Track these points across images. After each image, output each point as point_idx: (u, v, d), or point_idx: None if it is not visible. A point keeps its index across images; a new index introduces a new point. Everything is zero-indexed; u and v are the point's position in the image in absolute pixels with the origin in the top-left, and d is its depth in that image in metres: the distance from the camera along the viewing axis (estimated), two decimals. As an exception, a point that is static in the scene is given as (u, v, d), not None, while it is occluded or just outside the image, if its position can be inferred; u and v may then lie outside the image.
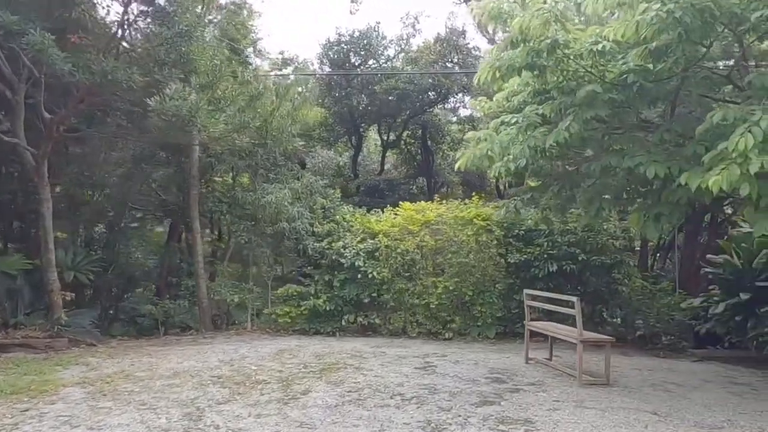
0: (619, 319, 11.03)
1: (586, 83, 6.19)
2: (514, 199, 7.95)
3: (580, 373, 7.57)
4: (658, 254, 15.22)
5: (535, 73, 6.45)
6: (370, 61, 16.89)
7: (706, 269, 10.30)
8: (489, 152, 6.50)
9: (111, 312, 13.62)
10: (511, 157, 6.75)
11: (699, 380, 8.07)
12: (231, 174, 13.12)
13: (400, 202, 12.64)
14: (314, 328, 11.91)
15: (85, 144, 12.11)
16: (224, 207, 12.39)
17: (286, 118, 11.76)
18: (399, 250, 11.54)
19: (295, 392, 6.69)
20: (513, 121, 6.68)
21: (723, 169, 4.78)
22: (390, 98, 17.01)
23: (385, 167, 20.71)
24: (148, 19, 8.23)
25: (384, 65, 16.87)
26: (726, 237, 11.24)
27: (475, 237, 11.38)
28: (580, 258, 10.90)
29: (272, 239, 12.10)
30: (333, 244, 11.96)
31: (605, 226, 11.11)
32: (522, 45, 6.21)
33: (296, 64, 19.72)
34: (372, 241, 11.82)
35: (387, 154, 20.44)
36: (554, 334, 8.32)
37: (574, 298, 7.70)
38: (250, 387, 6.93)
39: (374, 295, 11.74)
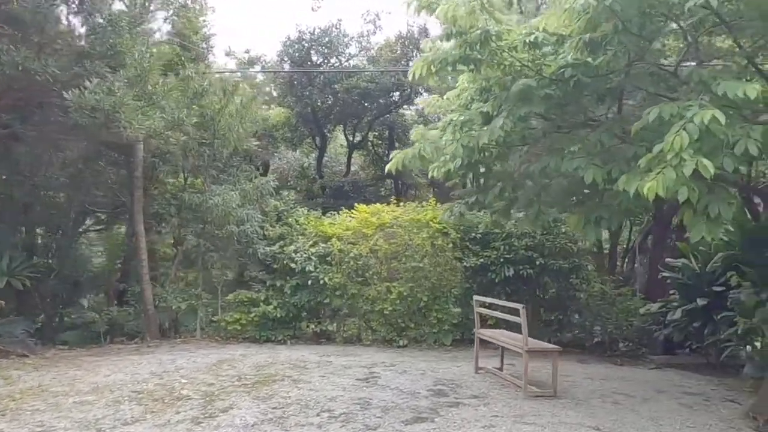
0: (577, 325, 10.69)
1: (523, 78, 5.80)
2: (458, 202, 7.55)
3: (526, 384, 7.18)
4: (626, 258, 14.98)
5: (471, 67, 6.06)
6: (332, 60, 16.45)
7: (664, 273, 10.00)
8: (421, 152, 6.09)
9: (57, 320, 13.02)
10: (448, 157, 6.36)
11: (652, 390, 7.74)
12: (182, 175, 12.58)
13: (356, 204, 12.21)
14: (265, 335, 11.42)
15: (26, 143, 11.49)
16: (172, 209, 11.85)
17: (234, 117, 11.26)
18: (352, 255, 11.10)
19: (215, 410, 6.20)
20: (453, 119, 6.29)
21: (659, 172, 4.41)
22: (352, 98, 16.57)
23: (352, 169, 20.26)
24: (71, 7, 7.71)
25: (345, 64, 16.44)
26: (685, 239, 10.92)
27: (430, 240, 10.98)
28: (537, 262, 10.55)
29: (222, 243, 11.58)
30: (285, 249, 11.48)
31: (563, 230, 10.78)
32: (456, 37, 5.82)
33: (263, 63, 19.26)
34: (324, 245, 11.37)
35: (353, 156, 20.00)
36: (502, 343, 7.93)
37: (519, 306, 7.32)
38: (168, 404, 6.43)
39: (326, 301, 11.28)
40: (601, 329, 10.27)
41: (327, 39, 16.11)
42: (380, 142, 20.14)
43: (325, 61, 16.46)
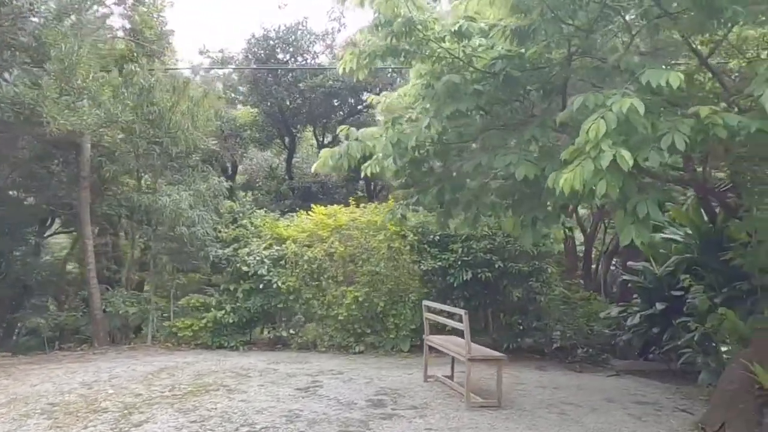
0: (538, 330, 10.35)
1: (455, 72, 5.47)
2: (400, 203, 7.21)
3: (468, 394, 6.83)
4: (600, 260, 14.67)
5: (401, 59, 5.72)
6: (299, 58, 16.05)
7: (624, 277, 9.70)
8: (349, 151, 5.73)
9: (4, 325, 12.55)
10: (380, 155, 6.02)
11: (603, 399, 7.41)
12: (136, 175, 12.14)
13: (312, 205, 11.84)
14: (218, 342, 11.01)
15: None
16: (122, 210, 11.41)
17: (185, 115, 10.86)
18: (306, 258, 10.72)
19: (128, 424, 5.80)
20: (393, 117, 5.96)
21: (577, 165, 4.09)
22: (320, 97, 16.16)
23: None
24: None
25: (311, 62, 16.04)
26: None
27: (387, 243, 10.62)
28: (497, 265, 10.21)
29: (174, 245, 11.16)
30: (239, 251, 11.09)
31: (524, 232, 10.44)
32: (383, 28, 5.47)
33: (236, 61, 18.78)
34: (279, 248, 10.98)
35: (325, 156, 19.55)
36: (448, 351, 7.58)
37: (462, 311, 6.97)
38: (80, 418, 6.01)
39: (281, 306, 10.90)
40: (561, 334, 9.93)
41: (293, 37, 15.71)
42: (353, 142, 19.70)
43: (292, 59, 16.06)
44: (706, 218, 8.22)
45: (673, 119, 4.31)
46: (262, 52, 15.78)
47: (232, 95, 17.70)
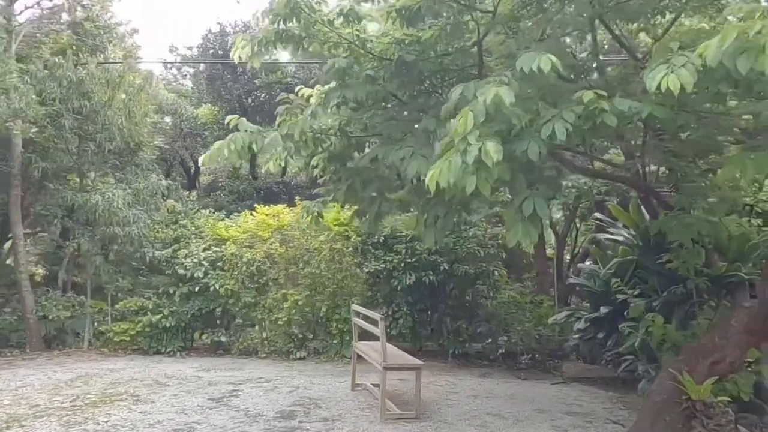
0: (485, 335, 9.92)
1: (351, 58, 5.05)
2: (316, 201, 6.78)
3: (383, 405, 6.39)
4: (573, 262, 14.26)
5: (294, 46, 5.30)
6: (258, 54, 15.59)
7: (571, 280, 9.30)
8: (232, 144, 5.28)
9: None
10: (280, 149, 5.59)
11: (534, 410, 6.99)
12: (78, 172, 11.65)
13: (255, 205, 11.40)
14: (155, 347, 10.54)
15: None
16: (59, 210, 10.94)
17: (121, 110, 10.41)
18: (245, 259, 10.27)
19: (-2, 440, 5.36)
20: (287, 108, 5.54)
21: (445, 160, 3.68)
22: (278, 93, 15.70)
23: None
24: None
25: (269, 58, 15.63)
26: (594, 242, 10.22)
27: (329, 244, 10.18)
28: (442, 268, 9.79)
29: (112, 246, 10.69)
30: (177, 253, 10.63)
31: (471, 233, 10.05)
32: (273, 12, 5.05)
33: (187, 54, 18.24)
34: (218, 249, 10.53)
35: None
36: (369, 359, 7.14)
37: (378, 316, 6.55)
38: (-50, 433, 5.57)
39: (219, 310, 10.45)
40: (507, 340, 9.51)
41: (250, 32, 15.25)
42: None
43: (250, 55, 15.59)
44: (648, 218, 7.82)
45: (563, 107, 3.90)
46: (218, 48, 15.32)
47: (196, 93, 17.23)
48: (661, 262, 6.84)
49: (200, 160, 5.37)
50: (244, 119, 5.38)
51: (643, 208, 7.64)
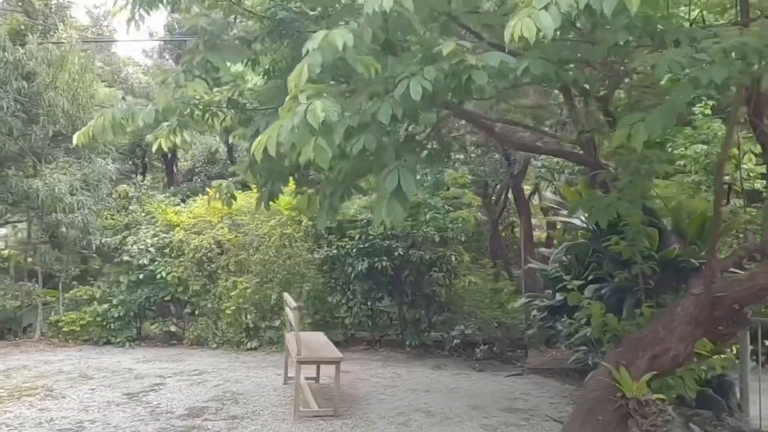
0: (443, 325, 9.39)
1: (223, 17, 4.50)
2: (229, 181, 6.25)
3: (297, 403, 5.91)
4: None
5: (175, 5, 4.75)
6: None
7: (531, 264, 8.70)
8: (114, 119, 4.76)
9: None
10: (166, 125, 5.08)
11: (469, 406, 6.47)
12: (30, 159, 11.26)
13: (208, 189, 10.90)
14: (105, 337, 10.17)
15: None
16: (8, 196, 10.54)
17: (65, 92, 9.96)
18: (192, 246, 9.82)
19: None
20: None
21: (278, 124, 3.15)
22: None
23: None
24: None
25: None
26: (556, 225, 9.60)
27: (279, 229, 9.68)
28: (396, 253, 9.24)
29: (58, 233, 10.30)
30: (127, 239, 10.21)
31: (429, 216, 9.47)
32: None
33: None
34: (165, 236, 10.09)
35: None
36: (290, 351, 6.65)
37: (293, 305, 6.06)
38: None
39: (168, 298, 10.03)
40: (463, 330, 8.97)
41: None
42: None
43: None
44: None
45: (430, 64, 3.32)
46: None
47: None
48: (609, 246, 6.23)
49: (74, 138, 4.85)
50: (120, 92, 4.85)
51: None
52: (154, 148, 5.21)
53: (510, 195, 11.95)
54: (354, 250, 9.33)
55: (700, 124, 8.47)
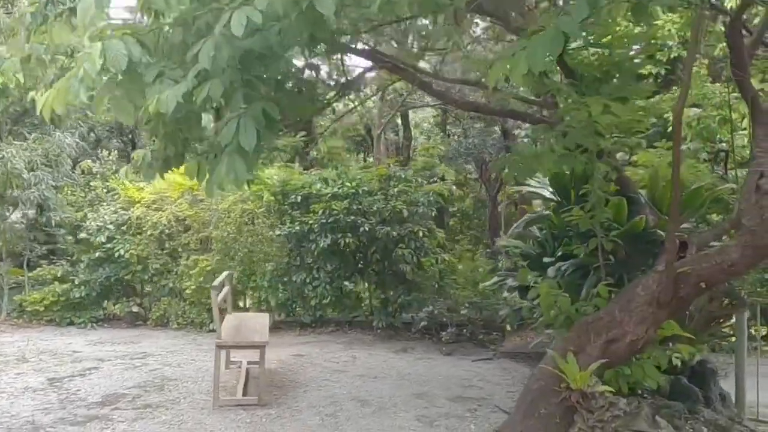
0: (412, 306, 8.78)
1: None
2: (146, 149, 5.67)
3: (216, 391, 5.39)
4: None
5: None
6: None
7: (501, 242, 8.00)
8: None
9: None
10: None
11: (413, 394, 5.89)
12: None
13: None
14: (68, 318, 9.82)
15: None
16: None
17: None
18: (150, 223, 9.35)
19: None
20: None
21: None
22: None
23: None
24: None
25: None
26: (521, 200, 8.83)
27: (241, 205, 9.14)
28: (362, 229, 8.62)
29: (16, 210, 9.95)
30: (88, 216, 9.80)
31: (396, 190, 8.82)
32: None
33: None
34: (124, 212, 9.64)
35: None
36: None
37: (218, 282, 5.52)
38: None
39: (128, 278, 9.61)
40: (431, 311, 8.35)
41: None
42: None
43: None
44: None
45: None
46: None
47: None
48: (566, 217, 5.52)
49: (38, 108, 4.30)
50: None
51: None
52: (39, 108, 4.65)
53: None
54: (317, 226, 8.74)
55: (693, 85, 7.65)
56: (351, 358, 7.49)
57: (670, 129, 8.01)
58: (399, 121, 14.22)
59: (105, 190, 10.15)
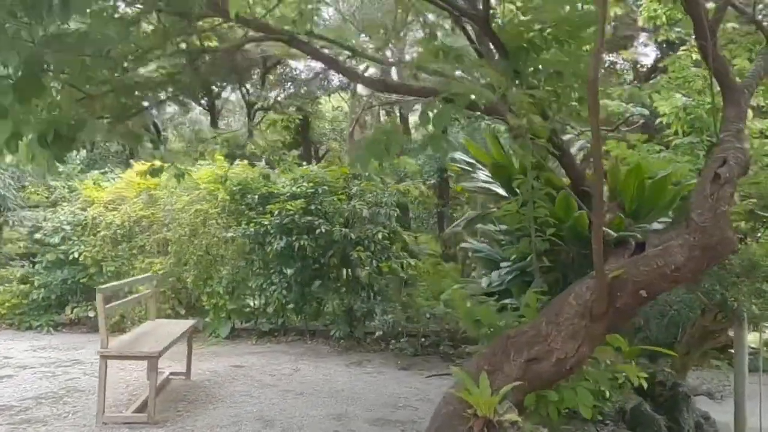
0: (371, 314, 8.09)
1: None
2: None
3: (101, 406, 4.82)
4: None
5: None
6: None
7: (463, 244, 7.24)
8: None
9: None
10: None
11: (330, 415, 5.23)
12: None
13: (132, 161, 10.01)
14: (27, 322, 9.49)
15: None
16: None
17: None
18: (104, 223, 8.94)
19: None
20: None
21: None
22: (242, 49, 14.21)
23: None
24: None
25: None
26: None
27: (195, 205, 8.63)
28: (318, 231, 7.99)
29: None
30: (47, 217, 9.48)
31: (355, 189, 8.18)
32: None
33: None
34: (81, 213, 9.26)
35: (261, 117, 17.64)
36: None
37: (97, 296, 4.96)
38: None
39: (84, 281, 9.21)
40: (388, 321, 7.64)
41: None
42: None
43: None
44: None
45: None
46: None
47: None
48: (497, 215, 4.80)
49: None
50: None
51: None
52: None
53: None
54: (272, 228, 8.16)
55: (673, 67, 6.80)
56: (292, 371, 6.85)
57: (660, 121, 7.21)
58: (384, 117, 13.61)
59: (67, 190, 9.82)
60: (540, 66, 4.35)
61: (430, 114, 3.02)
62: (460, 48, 3.86)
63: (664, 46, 8.65)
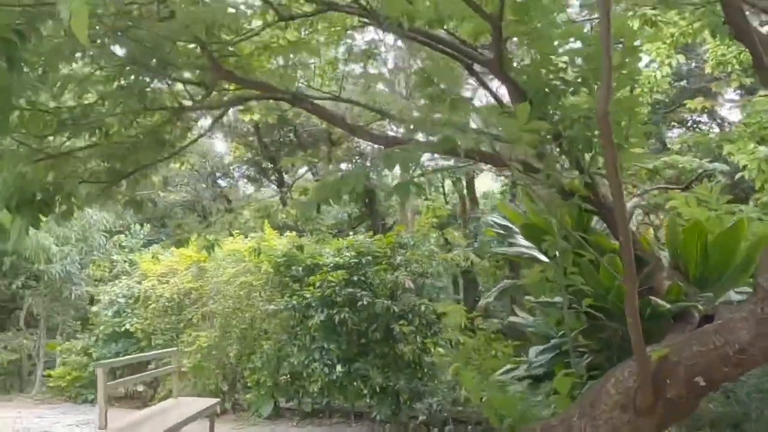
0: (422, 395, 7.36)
1: None
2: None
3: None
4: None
5: None
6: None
7: (511, 318, 6.47)
8: None
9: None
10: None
11: None
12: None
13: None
14: (84, 395, 9.59)
15: None
16: None
17: None
18: (155, 296, 8.99)
19: None
20: None
21: None
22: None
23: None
24: None
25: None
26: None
27: (241, 277, 8.50)
28: (360, 304, 7.54)
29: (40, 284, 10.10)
30: (104, 291, 9.73)
31: (398, 259, 7.71)
32: None
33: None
34: (136, 286, 9.40)
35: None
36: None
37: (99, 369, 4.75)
38: None
39: (135, 353, 9.20)
40: (432, 405, 6.89)
41: None
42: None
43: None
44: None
45: None
46: None
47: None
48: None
49: None
50: None
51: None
52: None
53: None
54: (314, 301, 7.81)
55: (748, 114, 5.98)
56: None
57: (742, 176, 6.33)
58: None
59: (128, 264, 10.09)
60: (567, 112, 3.82)
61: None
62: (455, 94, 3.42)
63: (742, 94, 7.77)
